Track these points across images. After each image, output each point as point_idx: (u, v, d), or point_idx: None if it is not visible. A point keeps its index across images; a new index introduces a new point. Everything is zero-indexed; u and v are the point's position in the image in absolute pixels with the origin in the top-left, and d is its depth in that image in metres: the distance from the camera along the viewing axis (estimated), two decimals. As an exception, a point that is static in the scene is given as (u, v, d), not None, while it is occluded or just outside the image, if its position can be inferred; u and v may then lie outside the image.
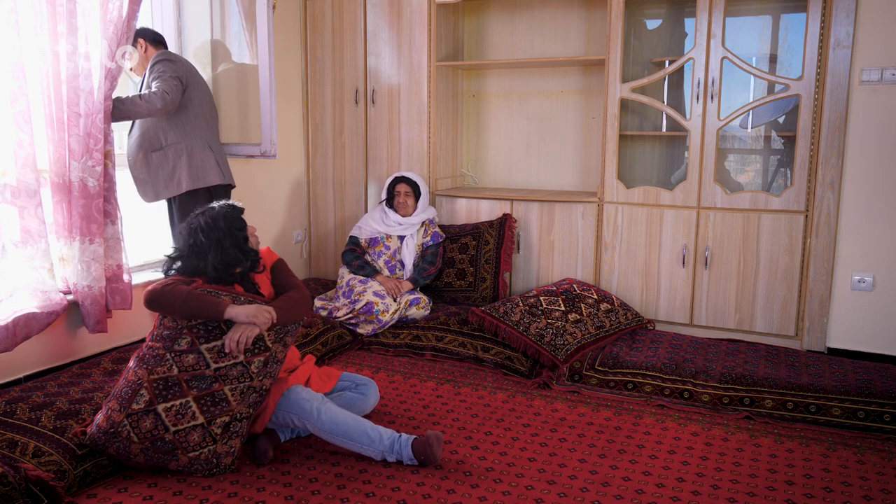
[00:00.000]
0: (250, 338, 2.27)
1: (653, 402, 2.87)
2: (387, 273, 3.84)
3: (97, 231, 2.82)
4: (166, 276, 2.41)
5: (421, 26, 4.03)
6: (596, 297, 3.56)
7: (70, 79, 2.70)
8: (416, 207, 3.85)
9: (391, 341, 3.51)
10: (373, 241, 3.89)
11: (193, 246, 2.36)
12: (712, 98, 3.48)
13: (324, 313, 3.68)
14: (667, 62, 3.75)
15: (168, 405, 2.19)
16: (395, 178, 3.87)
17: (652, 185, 3.74)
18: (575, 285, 3.61)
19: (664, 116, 3.94)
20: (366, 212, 4.32)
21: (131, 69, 3.23)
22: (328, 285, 4.22)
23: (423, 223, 3.91)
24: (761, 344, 3.41)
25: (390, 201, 3.87)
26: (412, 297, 3.72)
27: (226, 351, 2.27)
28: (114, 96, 2.86)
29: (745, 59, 3.46)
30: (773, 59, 3.70)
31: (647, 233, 3.70)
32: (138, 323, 3.17)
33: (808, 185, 3.39)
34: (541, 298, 3.45)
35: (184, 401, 2.21)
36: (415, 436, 2.31)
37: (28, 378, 2.75)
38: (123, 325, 3.11)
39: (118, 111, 2.89)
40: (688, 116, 3.57)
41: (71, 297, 2.84)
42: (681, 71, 3.75)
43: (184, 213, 3.12)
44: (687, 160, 3.60)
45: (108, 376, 2.72)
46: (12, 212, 2.59)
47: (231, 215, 2.40)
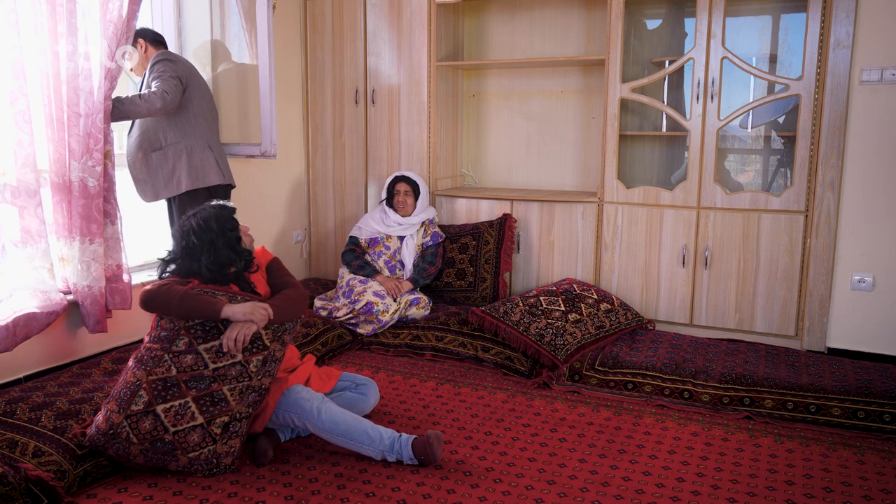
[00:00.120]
0: (248, 336, 2.27)
1: (653, 402, 2.87)
2: (387, 273, 3.84)
3: (97, 231, 2.83)
4: (161, 279, 2.40)
5: (421, 26, 4.03)
6: (596, 297, 3.56)
7: (70, 79, 2.70)
8: (415, 207, 3.85)
9: (391, 341, 3.51)
10: (373, 242, 3.89)
11: (186, 248, 2.35)
12: (712, 98, 3.48)
13: (324, 313, 3.68)
14: (667, 62, 3.75)
15: (167, 406, 2.19)
16: (395, 177, 3.88)
17: (652, 185, 3.74)
18: (575, 285, 3.61)
19: (664, 116, 3.94)
20: (366, 212, 4.33)
21: (131, 69, 3.23)
22: (328, 285, 4.22)
23: (422, 223, 3.91)
24: (761, 344, 3.41)
25: (390, 200, 3.88)
26: (412, 297, 3.72)
27: (224, 350, 2.27)
28: (113, 96, 2.86)
29: (745, 59, 3.46)
30: (773, 59, 3.70)
31: (647, 233, 3.70)
32: (138, 323, 3.17)
33: (808, 185, 3.39)
34: (541, 298, 3.45)
35: (183, 401, 2.20)
36: (415, 436, 2.31)
37: (28, 378, 2.75)
38: (123, 325, 3.11)
39: (118, 111, 2.89)
40: (688, 116, 3.57)
41: (71, 297, 2.84)
42: (681, 71, 3.75)
43: (183, 213, 3.11)
44: (687, 160, 3.60)
45: (108, 376, 2.72)
46: (12, 212, 2.60)
47: (222, 216, 2.39)
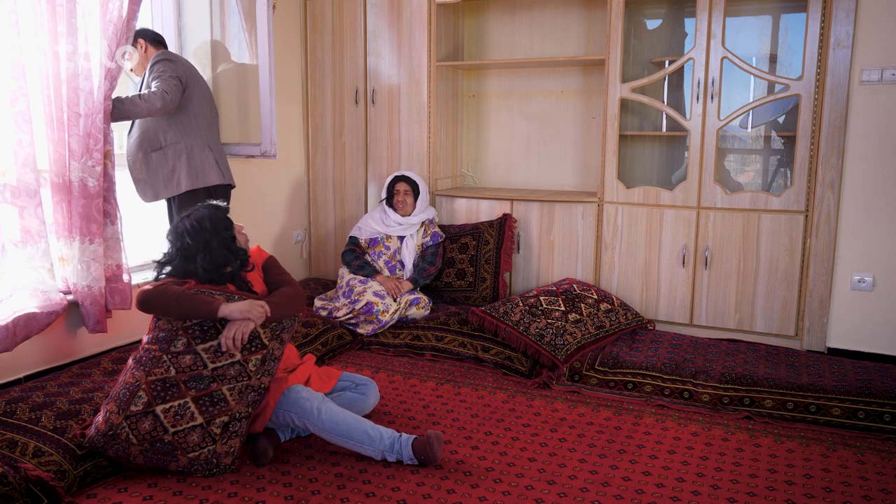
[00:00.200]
0: (246, 333, 2.27)
1: (653, 402, 2.87)
2: (387, 273, 3.84)
3: (97, 231, 2.83)
4: (157, 280, 2.40)
5: (421, 26, 4.03)
6: (596, 297, 3.56)
7: (70, 79, 2.70)
8: (415, 206, 3.85)
9: (391, 341, 3.50)
10: (373, 242, 3.89)
11: (181, 249, 2.35)
12: (712, 98, 3.48)
13: (324, 313, 3.68)
14: (667, 62, 3.75)
15: (166, 406, 2.19)
16: (395, 177, 3.88)
17: (652, 185, 3.73)
18: (575, 285, 3.61)
19: (664, 116, 3.94)
20: (366, 212, 4.33)
21: (131, 70, 3.23)
22: (328, 285, 4.22)
23: (422, 223, 3.91)
24: (761, 344, 3.41)
25: (390, 200, 3.88)
26: (412, 297, 3.72)
27: (223, 349, 2.27)
28: (113, 96, 2.86)
29: (745, 59, 3.46)
30: (773, 59, 3.70)
31: (647, 233, 3.70)
32: (138, 323, 3.16)
33: (808, 185, 3.39)
34: (541, 298, 3.45)
35: (182, 401, 2.20)
36: (415, 436, 2.31)
37: (28, 378, 2.75)
38: (123, 325, 3.11)
39: (118, 111, 2.89)
40: (688, 116, 3.57)
41: (71, 297, 2.84)
42: (681, 71, 3.75)
43: (183, 213, 3.12)
44: (687, 160, 3.60)
45: (108, 376, 2.72)
46: (12, 212, 2.60)
47: (216, 216, 2.39)
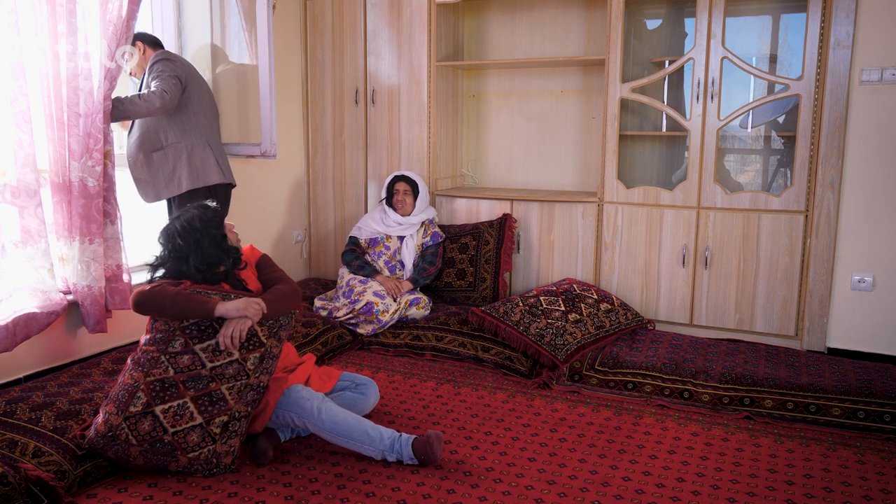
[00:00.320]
0: (243, 331, 2.27)
1: (653, 402, 2.87)
2: (387, 273, 3.84)
3: (97, 231, 2.83)
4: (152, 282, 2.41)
5: (421, 26, 4.03)
6: (596, 297, 3.56)
7: (70, 79, 2.70)
8: (414, 206, 3.85)
9: (391, 341, 3.50)
10: (373, 242, 3.89)
11: (173, 251, 2.36)
12: (712, 98, 3.48)
13: (324, 313, 3.68)
14: (667, 62, 3.75)
15: (166, 406, 2.19)
16: (395, 176, 3.88)
17: (652, 185, 3.73)
18: (575, 285, 3.61)
19: (664, 116, 3.94)
20: (366, 212, 4.33)
21: (131, 73, 3.23)
22: (328, 285, 4.22)
23: (422, 223, 3.91)
24: (761, 344, 3.41)
25: (389, 200, 3.88)
26: (412, 297, 3.72)
27: (221, 348, 2.27)
28: (113, 96, 2.86)
29: (745, 59, 3.46)
30: (773, 59, 3.70)
31: (647, 233, 3.70)
32: (138, 323, 3.16)
33: (808, 185, 3.38)
34: (541, 298, 3.45)
35: (181, 402, 2.20)
36: (415, 436, 2.31)
37: (28, 378, 2.75)
38: (123, 325, 3.11)
39: (117, 111, 2.88)
40: (688, 116, 3.57)
41: (71, 297, 2.84)
42: (681, 71, 3.75)
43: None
44: (687, 160, 3.60)
45: (108, 376, 2.72)
46: (12, 212, 2.60)
47: (205, 216, 2.40)
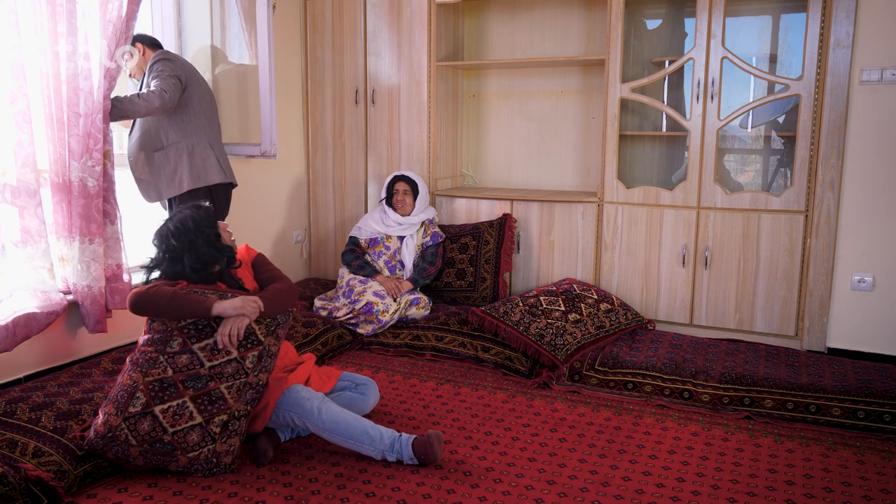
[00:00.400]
0: (241, 329, 2.28)
1: (653, 402, 2.87)
2: (387, 273, 3.84)
3: (97, 231, 2.83)
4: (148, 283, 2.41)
5: (421, 26, 4.03)
6: (596, 297, 3.56)
7: (70, 79, 2.70)
8: (414, 206, 3.85)
9: (391, 341, 3.50)
10: (373, 242, 3.89)
11: (167, 251, 2.37)
12: (712, 98, 3.48)
13: (324, 313, 3.68)
14: (667, 62, 3.75)
15: (165, 406, 2.19)
16: (395, 176, 3.88)
17: (652, 185, 3.73)
18: (575, 285, 3.61)
19: (664, 116, 3.94)
20: (366, 212, 4.33)
21: (131, 74, 3.23)
22: (328, 285, 4.22)
23: (422, 223, 3.91)
24: (761, 344, 3.41)
25: (389, 200, 3.88)
26: (412, 297, 3.72)
27: (219, 346, 2.28)
28: (112, 96, 2.86)
29: (745, 59, 3.46)
30: (773, 59, 3.70)
31: (647, 233, 3.70)
32: (138, 323, 3.14)
33: (808, 185, 3.38)
34: (541, 298, 3.45)
35: (180, 401, 2.21)
36: (415, 435, 2.31)
37: (28, 378, 2.75)
38: (123, 325, 3.11)
39: (116, 110, 2.88)
40: (688, 116, 3.57)
41: (71, 297, 2.84)
42: (681, 71, 3.75)
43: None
44: (687, 160, 3.60)
45: (108, 376, 2.72)
46: (12, 212, 2.60)
47: (198, 215, 2.41)
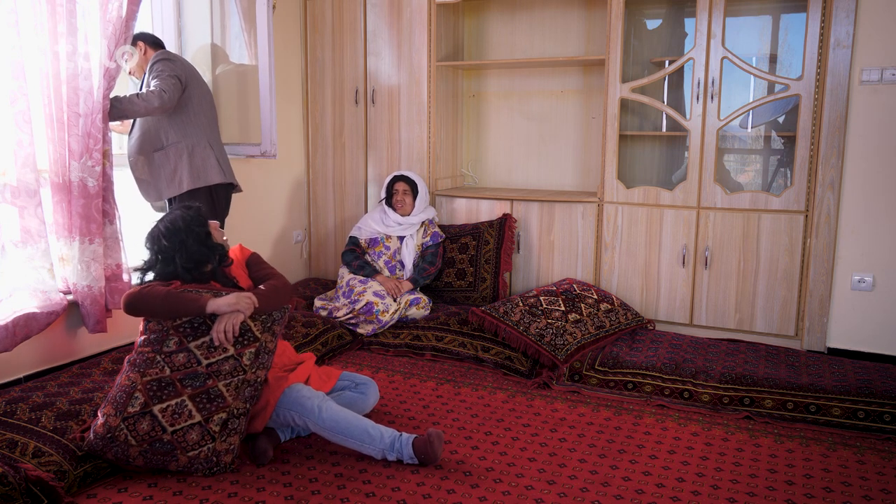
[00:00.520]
0: (236, 325, 2.29)
1: (653, 402, 2.87)
2: (387, 273, 3.84)
3: (96, 231, 2.83)
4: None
5: (421, 26, 4.03)
6: (596, 297, 3.56)
7: (70, 79, 2.70)
8: (414, 206, 3.86)
9: (391, 341, 3.50)
10: (372, 242, 3.89)
11: (159, 252, 2.39)
12: (712, 98, 3.48)
13: (324, 313, 3.68)
14: (667, 62, 3.75)
15: (164, 406, 2.19)
16: (394, 176, 3.88)
17: (652, 185, 3.73)
18: (575, 285, 3.61)
19: (664, 116, 3.94)
20: (366, 212, 4.33)
21: (130, 72, 3.23)
22: (328, 285, 4.22)
23: (422, 223, 3.91)
24: (761, 344, 3.41)
25: (389, 200, 3.88)
26: (412, 297, 3.72)
27: (215, 344, 2.28)
28: (111, 95, 2.86)
29: (745, 59, 3.46)
30: (773, 59, 3.70)
31: (647, 233, 3.70)
32: (137, 323, 3.14)
33: (808, 185, 3.38)
34: (541, 298, 3.45)
35: (179, 400, 2.21)
36: (416, 435, 2.31)
37: (28, 378, 2.75)
38: (123, 325, 3.11)
39: (116, 110, 2.88)
40: (688, 116, 3.57)
41: (71, 297, 2.84)
42: (681, 71, 3.75)
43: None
44: (687, 160, 3.60)
45: (108, 376, 2.72)
46: (12, 212, 2.60)
47: (188, 215, 2.42)
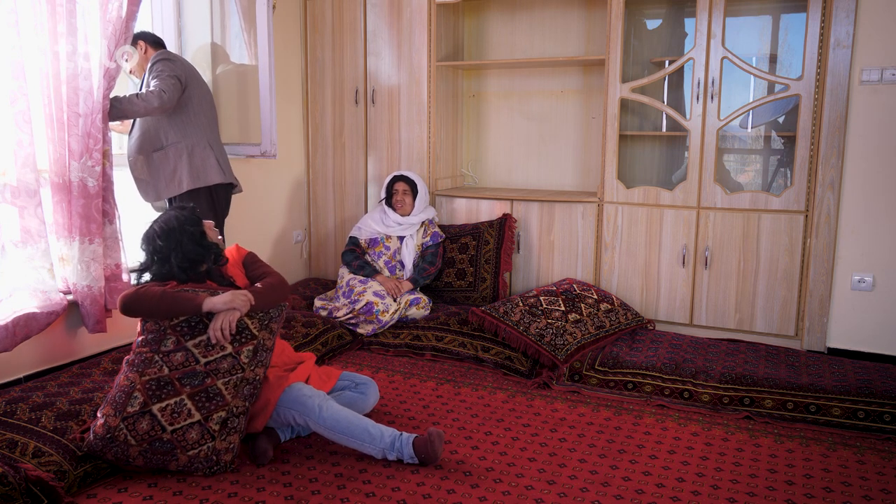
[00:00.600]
0: (233, 322, 2.29)
1: (653, 402, 2.87)
2: (387, 273, 3.84)
3: (96, 231, 2.83)
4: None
5: (421, 26, 4.03)
6: (596, 297, 3.56)
7: (70, 79, 2.70)
8: (413, 206, 3.86)
9: (391, 341, 3.50)
10: (372, 242, 3.89)
11: (155, 253, 2.40)
12: (712, 98, 3.48)
13: (324, 313, 3.68)
14: (667, 62, 3.75)
15: (163, 405, 2.20)
16: (394, 176, 3.88)
17: (652, 185, 3.73)
18: (575, 285, 3.61)
19: (664, 116, 3.94)
20: (366, 212, 4.33)
21: (131, 72, 3.23)
22: (328, 285, 4.22)
23: (422, 223, 3.91)
24: (761, 344, 3.41)
25: (389, 200, 3.88)
26: (412, 297, 3.72)
27: (213, 342, 2.29)
28: (111, 95, 2.86)
29: (745, 59, 3.46)
30: (773, 59, 3.70)
31: (647, 233, 3.70)
32: (137, 323, 3.15)
33: (808, 185, 3.38)
34: (541, 298, 3.45)
35: (178, 399, 2.21)
36: (416, 434, 2.31)
37: (28, 378, 2.75)
38: (123, 325, 3.11)
39: (115, 110, 2.88)
40: (688, 116, 3.57)
41: (71, 297, 2.84)
42: (681, 71, 3.75)
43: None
44: (687, 160, 3.60)
45: (108, 376, 2.72)
46: (12, 212, 2.60)
47: (182, 215, 2.44)
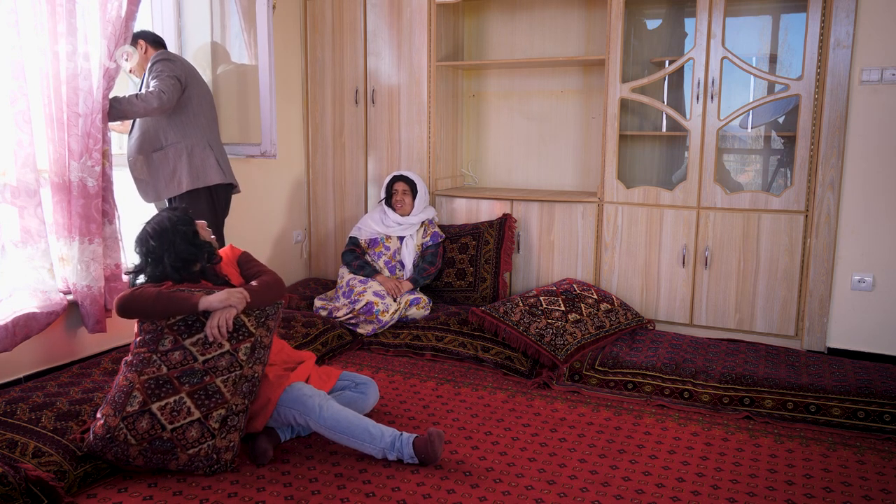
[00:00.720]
0: (229, 320, 2.30)
1: (653, 402, 2.87)
2: (387, 273, 3.84)
3: (96, 231, 2.83)
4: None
5: (421, 26, 4.03)
6: (596, 297, 3.56)
7: (70, 79, 2.71)
8: (413, 206, 3.86)
9: (391, 341, 3.50)
10: (372, 242, 3.89)
11: (148, 254, 2.41)
12: (712, 98, 3.48)
13: (324, 313, 3.68)
14: (667, 62, 3.75)
15: (162, 403, 2.20)
16: (394, 176, 3.89)
17: (652, 185, 3.73)
18: (575, 285, 3.61)
19: (664, 116, 3.94)
20: (366, 212, 4.33)
21: (131, 71, 3.23)
22: (328, 285, 4.22)
23: (422, 223, 3.91)
24: (761, 344, 3.41)
25: (389, 200, 3.88)
26: (412, 297, 3.72)
27: (210, 340, 2.29)
28: (111, 96, 2.86)
29: (745, 59, 3.46)
30: (773, 59, 3.70)
31: (647, 233, 3.70)
32: (135, 323, 3.17)
33: (808, 185, 3.38)
34: (541, 298, 3.45)
35: (177, 397, 2.21)
36: (416, 434, 2.31)
37: (28, 378, 2.75)
38: (122, 325, 3.11)
39: (115, 110, 2.88)
40: (688, 116, 3.57)
41: (70, 297, 2.84)
42: (681, 71, 3.75)
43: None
44: (687, 160, 3.60)
45: (108, 376, 2.72)
46: (12, 212, 2.60)
47: (174, 215, 2.45)
